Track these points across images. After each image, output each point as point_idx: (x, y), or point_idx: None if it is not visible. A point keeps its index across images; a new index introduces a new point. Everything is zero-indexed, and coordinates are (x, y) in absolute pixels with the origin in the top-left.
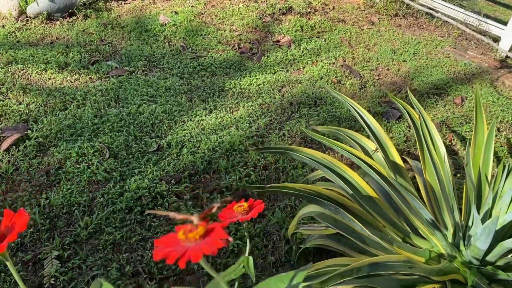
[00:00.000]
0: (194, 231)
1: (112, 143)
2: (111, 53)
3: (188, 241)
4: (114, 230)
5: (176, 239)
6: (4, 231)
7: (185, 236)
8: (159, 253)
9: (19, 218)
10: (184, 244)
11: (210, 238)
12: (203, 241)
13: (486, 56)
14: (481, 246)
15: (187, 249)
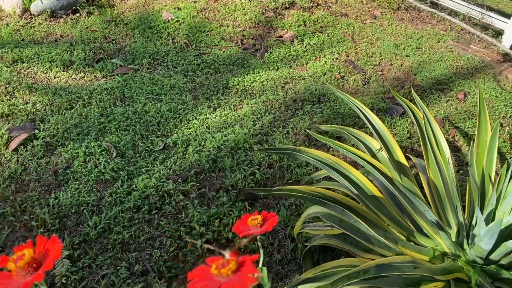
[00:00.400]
0: (227, 267)
1: (119, 142)
2: (115, 51)
3: (221, 276)
4: (122, 229)
5: (209, 273)
6: (39, 257)
7: (218, 271)
8: (195, 286)
9: (52, 245)
10: (217, 278)
11: (241, 274)
12: (235, 277)
13: (489, 50)
14: (484, 247)
15: (221, 284)
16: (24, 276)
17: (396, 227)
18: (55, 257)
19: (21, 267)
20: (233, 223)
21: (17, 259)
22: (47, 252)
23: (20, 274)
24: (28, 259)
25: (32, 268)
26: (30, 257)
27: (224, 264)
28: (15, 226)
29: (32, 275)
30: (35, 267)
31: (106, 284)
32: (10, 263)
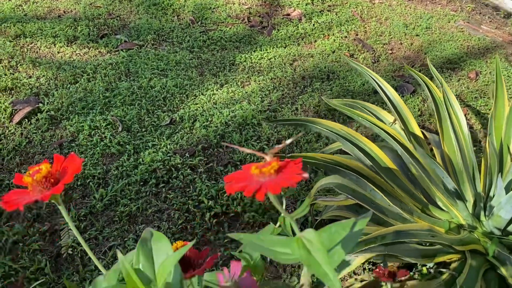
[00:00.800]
0: (269, 166)
1: (124, 116)
2: (119, 27)
3: (262, 176)
4: (129, 202)
5: (249, 174)
6: (56, 174)
7: (259, 171)
8: (233, 187)
9: (71, 162)
10: (257, 179)
11: (286, 173)
12: (279, 176)
13: (500, 30)
14: (504, 215)
15: (263, 183)
16: (41, 191)
17: (411, 199)
18: (75, 170)
19: (38, 180)
20: (242, 197)
21: (34, 173)
22: (65, 169)
23: (36, 189)
24: (45, 172)
25: (49, 183)
26: (47, 171)
27: (265, 165)
28: None
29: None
30: (52, 182)
31: (113, 255)
32: (26, 177)
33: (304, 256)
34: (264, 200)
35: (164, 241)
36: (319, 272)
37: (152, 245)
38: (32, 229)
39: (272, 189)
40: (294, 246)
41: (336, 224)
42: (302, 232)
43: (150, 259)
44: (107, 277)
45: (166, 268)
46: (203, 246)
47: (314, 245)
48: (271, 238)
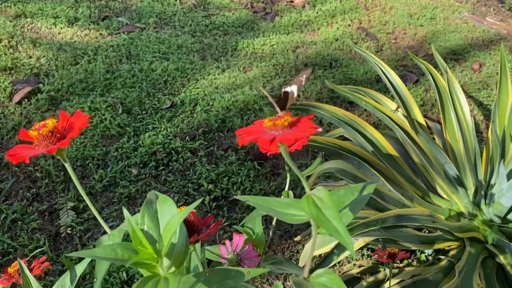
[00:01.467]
0: (282, 119)
1: (125, 98)
2: (121, 10)
3: (275, 129)
4: (129, 183)
5: (261, 128)
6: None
7: (272, 124)
8: (246, 139)
9: (77, 118)
10: (271, 132)
11: (299, 127)
12: (293, 129)
13: (505, 23)
14: (505, 203)
15: (276, 135)
16: (47, 145)
17: (411, 186)
18: (81, 125)
19: (44, 135)
20: (242, 181)
21: (40, 127)
22: (71, 125)
23: (42, 144)
24: (51, 127)
25: (55, 138)
26: (54, 125)
27: (278, 117)
28: (19, 176)
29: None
30: (58, 137)
31: None
32: (32, 131)
33: (314, 213)
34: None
35: (169, 202)
36: (329, 228)
37: (157, 207)
38: (31, 207)
39: (286, 140)
40: (304, 203)
41: (345, 187)
42: (313, 190)
43: (155, 220)
44: (111, 235)
45: (172, 227)
46: None
47: (325, 202)
48: (278, 200)
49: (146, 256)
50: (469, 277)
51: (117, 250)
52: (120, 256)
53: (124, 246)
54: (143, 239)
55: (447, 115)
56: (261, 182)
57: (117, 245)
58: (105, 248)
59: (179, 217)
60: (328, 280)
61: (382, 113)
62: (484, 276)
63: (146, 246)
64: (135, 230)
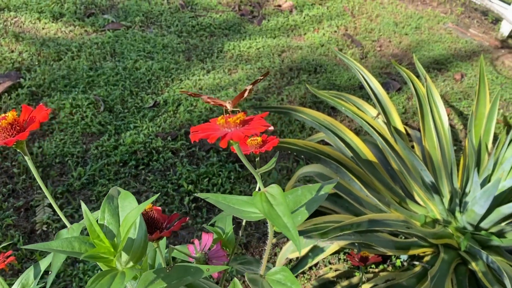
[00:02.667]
0: (235, 116)
1: (107, 96)
2: (107, 7)
3: (228, 126)
4: (108, 182)
5: (215, 125)
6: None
7: (224, 121)
8: (198, 135)
9: (39, 112)
10: (223, 129)
11: (251, 125)
12: (244, 127)
13: (487, 35)
14: (478, 210)
15: (227, 132)
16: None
17: (389, 192)
18: (42, 119)
19: (3, 127)
20: (222, 183)
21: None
22: (33, 118)
23: (1, 136)
24: (11, 120)
25: (15, 131)
26: (13, 118)
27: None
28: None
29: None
30: (18, 130)
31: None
32: None
33: (266, 209)
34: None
35: (130, 198)
36: (279, 224)
37: (118, 203)
38: (7, 203)
39: (236, 137)
40: (257, 200)
41: (303, 187)
42: (267, 187)
43: (116, 216)
44: (70, 229)
45: (129, 220)
46: (180, 230)
47: (277, 199)
48: (238, 197)
49: (102, 250)
50: (441, 282)
51: (74, 244)
52: (77, 250)
53: (81, 240)
54: (100, 233)
55: (426, 123)
56: (242, 184)
57: (75, 238)
58: (62, 241)
59: (137, 211)
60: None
61: (362, 119)
62: (457, 282)
63: (103, 240)
64: (92, 224)
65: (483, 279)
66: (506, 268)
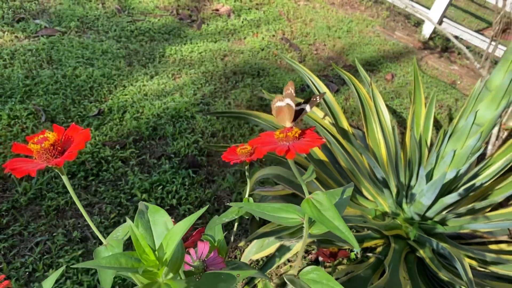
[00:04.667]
0: (293, 131)
1: (48, 106)
2: (38, 11)
3: (287, 140)
4: (57, 195)
5: (272, 139)
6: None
7: (284, 135)
8: (263, 150)
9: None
10: (283, 142)
11: (307, 138)
12: (302, 140)
13: (411, 37)
14: (425, 202)
15: (290, 145)
16: (48, 160)
17: None
18: (85, 138)
19: (46, 148)
20: (177, 190)
21: (40, 141)
22: (69, 137)
23: (43, 158)
24: (53, 140)
25: (56, 151)
26: (55, 139)
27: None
28: None
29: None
30: (59, 150)
31: (41, 251)
32: (33, 144)
33: (316, 214)
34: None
35: (161, 212)
36: (332, 227)
37: (149, 217)
38: None
39: (300, 149)
40: (306, 206)
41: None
42: (312, 194)
43: (149, 229)
44: (109, 246)
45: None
46: None
47: (324, 205)
48: (271, 205)
49: (150, 264)
50: (396, 271)
51: (121, 259)
52: (124, 265)
53: (127, 255)
54: (146, 248)
55: (369, 122)
56: (197, 190)
57: (121, 254)
58: (110, 258)
59: (182, 228)
60: (317, 276)
61: (314, 120)
62: (407, 270)
63: (149, 254)
64: (138, 239)
65: (431, 265)
66: (455, 252)
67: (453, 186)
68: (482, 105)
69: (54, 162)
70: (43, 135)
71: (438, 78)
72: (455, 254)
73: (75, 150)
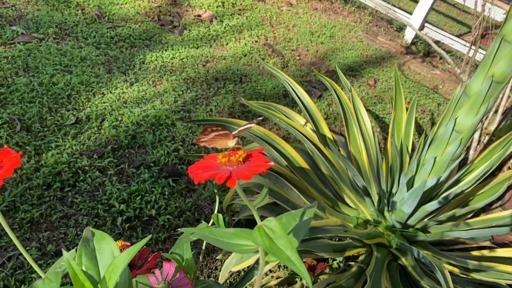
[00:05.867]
0: (237, 154)
1: (23, 114)
2: (15, 18)
3: (230, 164)
4: (31, 207)
5: (215, 163)
6: None
7: (227, 159)
8: (202, 175)
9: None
10: (225, 167)
11: (253, 162)
12: (246, 164)
13: (394, 42)
14: (406, 210)
15: (232, 171)
16: None
17: (321, 197)
18: (14, 164)
19: None
20: (156, 200)
21: None
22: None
23: None
24: None
25: None
26: None
27: (231, 154)
28: None
29: None
30: None
31: (13, 266)
32: None
33: (267, 243)
34: None
35: (107, 239)
36: (283, 257)
37: (94, 245)
38: None
39: (243, 176)
40: (257, 234)
41: (286, 214)
42: (264, 221)
43: (94, 259)
44: (47, 280)
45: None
46: None
47: (276, 233)
48: (225, 230)
49: None
50: (378, 280)
51: None
52: None
53: None
54: (85, 282)
55: (350, 129)
56: (177, 200)
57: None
58: None
59: (125, 259)
60: None
61: (295, 129)
62: (390, 278)
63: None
64: (76, 273)
65: (413, 273)
66: (435, 262)
67: (434, 193)
68: (462, 112)
69: None
70: None
71: (421, 83)
72: (435, 263)
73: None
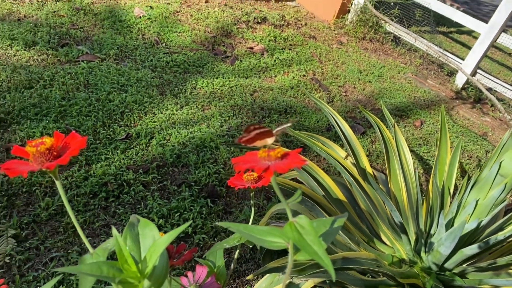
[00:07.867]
0: (276, 151)
1: (79, 126)
2: (82, 38)
3: (269, 159)
4: (76, 213)
5: (255, 158)
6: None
7: (266, 154)
8: (242, 166)
9: (73, 138)
10: (264, 161)
11: (289, 159)
12: (284, 160)
13: (444, 86)
14: (444, 251)
15: (270, 165)
16: (43, 162)
17: (357, 231)
18: (80, 145)
19: (41, 152)
20: (194, 218)
21: (37, 144)
22: (67, 145)
23: (38, 161)
24: (49, 145)
25: (52, 156)
26: (51, 143)
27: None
28: None
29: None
30: (55, 155)
31: (54, 267)
32: (30, 147)
33: (297, 237)
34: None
35: (150, 226)
36: (310, 251)
37: (138, 230)
38: None
39: (280, 169)
40: (288, 229)
41: (317, 220)
42: (295, 218)
43: (137, 242)
44: (95, 254)
45: (157, 249)
46: None
47: (306, 229)
48: (258, 227)
49: (130, 275)
50: None
51: (103, 268)
52: (106, 273)
53: (110, 264)
54: (129, 258)
55: (392, 166)
56: (213, 220)
57: (103, 263)
58: (92, 265)
59: (165, 240)
60: None
61: (334, 159)
62: None
63: (131, 265)
64: (122, 249)
65: None
66: None
67: (475, 238)
68: (507, 155)
69: (46, 166)
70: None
71: (469, 129)
72: None
73: (68, 156)
